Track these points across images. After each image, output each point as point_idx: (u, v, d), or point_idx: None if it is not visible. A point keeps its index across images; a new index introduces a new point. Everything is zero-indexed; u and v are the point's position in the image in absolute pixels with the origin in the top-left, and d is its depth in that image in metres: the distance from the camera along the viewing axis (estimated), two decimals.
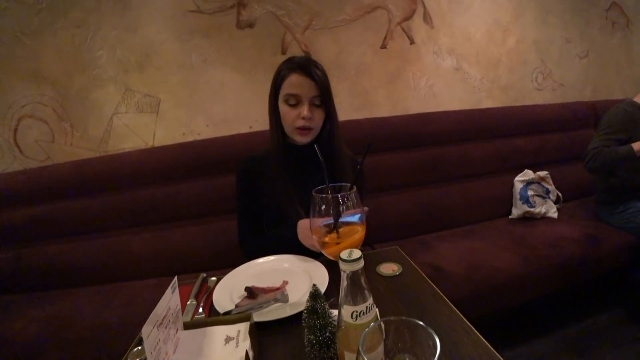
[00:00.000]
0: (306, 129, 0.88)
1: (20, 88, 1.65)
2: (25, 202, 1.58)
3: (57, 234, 1.60)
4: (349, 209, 0.59)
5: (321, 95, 0.87)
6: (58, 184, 1.58)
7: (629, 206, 1.54)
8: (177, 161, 1.58)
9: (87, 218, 1.59)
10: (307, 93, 0.86)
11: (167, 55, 1.70)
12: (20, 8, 1.58)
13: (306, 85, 0.86)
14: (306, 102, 0.86)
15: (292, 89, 0.87)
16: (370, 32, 1.88)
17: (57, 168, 1.62)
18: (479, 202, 1.81)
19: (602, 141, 1.52)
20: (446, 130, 1.82)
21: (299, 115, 0.87)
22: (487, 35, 2.10)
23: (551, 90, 2.32)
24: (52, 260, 1.56)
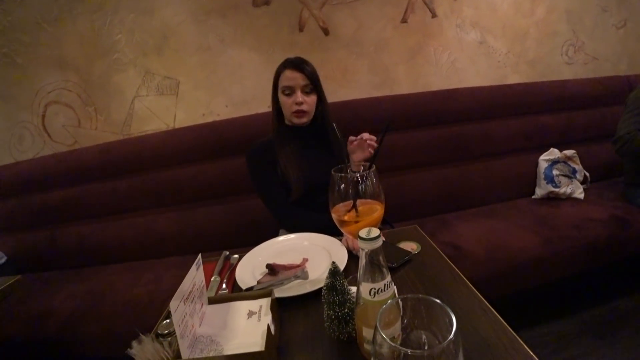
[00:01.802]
0: (300, 112, 1.08)
1: (45, 75, 1.70)
2: (56, 185, 1.67)
3: (87, 214, 1.69)
4: (368, 188, 0.59)
5: (311, 83, 1.08)
6: (86, 167, 1.66)
7: None
8: (198, 142, 1.62)
9: (115, 199, 1.66)
10: (298, 83, 1.07)
11: (184, 37, 1.70)
12: None
13: (297, 77, 1.07)
14: (298, 91, 1.07)
15: (286, 81, 1.08)
16: (389, 6, 1.81)
17: (85, 152, 1.69)
18: (501, 181, 1.76)
19: (632, 125, 1.44)
20: (469, 107, 1.76)
21: (293, 101, 1.07)
22: (515, 6, 1.96)
23: (583, 64, 2.18)
24: (84, 239, 1.65)
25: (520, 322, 1.41)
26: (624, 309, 1.46)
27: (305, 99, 1.08)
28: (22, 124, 1.76)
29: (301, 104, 1.07)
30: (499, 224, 1.50)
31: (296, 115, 1.09)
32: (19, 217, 1.68)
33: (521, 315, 1.44)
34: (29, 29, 1.65)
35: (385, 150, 1.04)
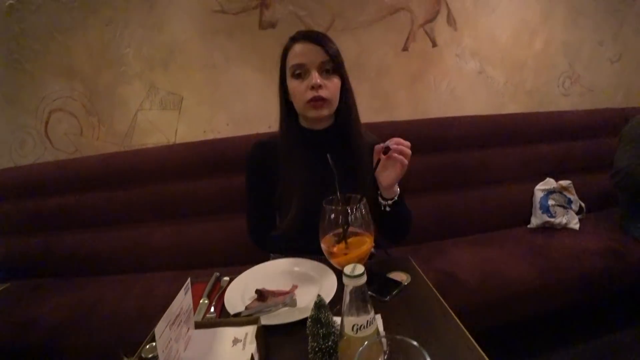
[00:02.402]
0: (319, 99, 0.77)
1: (52, 82, 1.73)
2: (54, 192, 1.67)
3: (83, 223, 1.68)
4: (358, 219, 0.59)
5: (332, 59, 0.77)
6: (85, 176, 1.67)
7: None
8: (198, 158, 1.64)
9: (112, 209, 1.67)
10: (314, 59, 0.76)
11: (191, 54, 1.74)
12: (54, 6, 1.66)
13: (312, 51, 0.76)
14: (314, 69, 0.76)
15: (296, 59, 0.77)
16: (392, 34, 1.86)
17: (85, 160, 1.71)
18: (497, 209, 1.77)
19: (630, 159, 1.45)
20: (467, 135, 1.79)
21: (308, 86, 0.76)
22: (513, 37, 2.03)
23: (579, 95, 2.22)
24: (77, 248, 1.65)
25: (513, 354, 1.39)
26: (620, 342, 1.44)
27: (325, 82, 0.77)
28: (25, 129, 1.77)
29: (319, 88, 0.76)
30: (494, 252, 1.50)
31: (313, 105, 0.78)
32: (13, 222, 1.68)
33: (514, 347, 1.42)
34: (41, 36, 1.69)
35: None
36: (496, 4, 1.96)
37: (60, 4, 1.66)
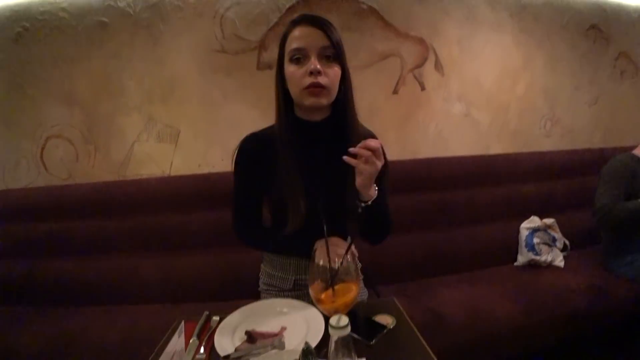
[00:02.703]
0: (317, 86, 0.73)
1: (52, 108, 1.77)
2: (44, 217, 1.66)
3: (70, 251, 1.66)
4: (345, 269, 0.63)
5: (332, 46, 0.73)
6: (77, 203, 1.66)
7: (637, 257, 1.52)
8: (191, 191, 1.66)
9: (101, 238, 1.66)
10: (314, 44, 0.73)
11: (190, 89, 1.81)
12: (62, 37, 1.73)
13: (312, 35, 0.73)
14: (314, 55, 0.73)
15: (296, 42, 0.74)
16: (383, 78, 1.96)
17: (79, 188, 1.71)
18: (484, 247, 1.80)
19: (609, 197, 1.50)
20: (454, 174, 1.86)
21: (306, 71, 0.73)
22: (497, 82, 2.16)
23: (560, 136, 2.35)
24: (63, 276, 1.61)
25: None
26: None
27: (325, 69, 0.74)
28: (21, 152, 1.79)
29: (318, 74, 0.73)
30: (481, 290, 1.52)
31: (311, 92, 0.74)
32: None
33: None
34: (45, 64, 1.74)
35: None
36: (480, 51, 2.11)
37: (67, 36, 1.73)
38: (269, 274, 1.00)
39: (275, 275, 0.98)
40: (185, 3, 1.76)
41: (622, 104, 2.52)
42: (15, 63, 1.73)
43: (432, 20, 2.00)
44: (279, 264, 0.97)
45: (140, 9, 1.74)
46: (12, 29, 1.71)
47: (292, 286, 0.96)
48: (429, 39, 2.00)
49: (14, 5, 1.71)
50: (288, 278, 0.95)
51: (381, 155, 0.71)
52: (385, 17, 1.91)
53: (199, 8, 1.76)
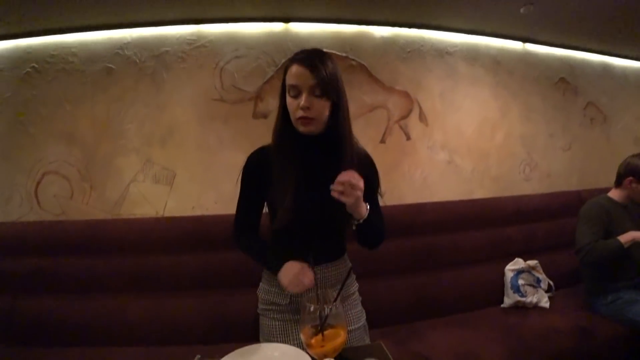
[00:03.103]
0: (306, 119, 0.86)
1: (52, 146, 1.82)
2: (32, 252, 1.63)
3: (56, 288, 1.62)
4: (334, 316, 0.67)
5: (320, 85, 0.85)
6: (67, 240, 1.65)
7: (617, 297, 1.58)
8: (184, 233, 1.67)
9: (90, 277, 1.63)
10: (304, 83, 0.85)
11: (188, 135, 1.89)
12: (69, 79, 1.82)
13: (304, 75, 0.85)
14: (305, 91, 0.85)
15: (291, 79, 0.87)
16: (371, 128, 2.10)
17: (71, 224, 1.70)
18: (471, 290, 1.83)
19: (590, 236, 1.57)
20: (439, 219, 1.92)
21: (298, 105, 0.86)
22: (478, 131, 2.32)
23: (538, 180, 2.48)
24: (46, 314, 1.55)
25: None
26: None
27: (313, 103, 0.86)
28: (15, 186, 1.80)
29: (306, 109, 0.86)
30: (468, 333, 1.54)
31: (301, 122, 0.88)
32: None
33: None
34: (50, 103, 1.81)
35: (360, 257, 1.10)
36: (461, 104, 2.28)
37: (74, 78, 1.82)
38: (266, 290, 1.02)
39: (272, 291, 1.00)
40: (188, 55, 1.89)
41: (594, 149, 2.71)
42: (20, 101, 1.80)
43: (416, 76, 2.18)
44: (276, 279, 0.97)
45: (146, 58, 1.87)
46: (21, 68, 1.80)
47: (289, 301, 0.97)
48: (414, 93, 2.17)
49: (26, 47, 1.82)
50: (285, 293, 0.97)
51: (356, 186, 0.80)
52: (373, 73, 2.08)
53: (201, 60, 1.90)
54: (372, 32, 2.12)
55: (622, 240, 1.50)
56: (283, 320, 0.98)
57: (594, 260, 1.56)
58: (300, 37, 2.01)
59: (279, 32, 1.99)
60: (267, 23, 1.97)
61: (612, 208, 1.65)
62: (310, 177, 0.92)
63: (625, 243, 1.50)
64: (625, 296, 1.56)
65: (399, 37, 2.16)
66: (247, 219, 1.01)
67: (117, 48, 1.86)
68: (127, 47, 1.86)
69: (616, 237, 1.53)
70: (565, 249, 2.02)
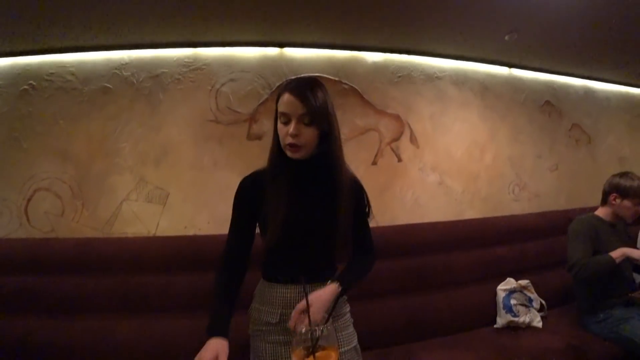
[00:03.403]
0: (294, 145, 0.90)
1: (45, 163, 1.81)
2: (18, 270, 1.59)
3: (41, 308, 1.57)
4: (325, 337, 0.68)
5: (309, 114, 0.89)
6: (56, 258, 1.62)
7: (609, 314, 1.59)
8: (176, 253, 1.66)
9: (78, 296, 1.59)
10: (294, 112, 0.89)
11: (182, 155, 1.91)
12: (65, 97, 1.84)
13: (294, 104, 0.88)
14: (294, 120, 0.89)
15: (282, 107, 0.91)
16: (363, 151, 2.14)
17: (59, 242, 1.68)
18: (464, 310, 1.83)
19: (582, 252, 1.58)
20: (431, 240, 1.94)
21: (287, 132, 0.89)
22: (467, 153, 2.38)
23: (527, 200, 2.53)
24: (30, 335, 1.49)
25: None
26: None
27: (301, 131, 0.89)
28: (5, 202, 1.78)
29: (294, 136, 0.89)
30: (462, 355, 1.54)
31: (289, 148, 0.91)
32: None
33: None
34: (45, 120, 1.82)
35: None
36: (450, 126, 2.35)
37: (71, 96, 1.85)
38: (257, 309, 1.02)
39: (262, 310, 1.00)
40: (185, 77, 1.94)
41: (580, 169, 2.79)
42: (16, 118, 1.81)
43: (407, 99, 2.25)
44: (267, 297, 1.01)
45: (143, 79, 1.91)
46: (18, 85, 1.82)
47: (278, 319, 0.97)
48: (404, 116, 2.23)
49: (25, 64, 1.85)
50: (275, 312, 0.98)
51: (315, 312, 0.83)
52: (364, 96, 2.15)
53: (197, 82, 1.94)
54: (364, 57, 2.20)
55: (613, 256, 1.51)
56: (274, 343, 0.97)
57: (587, 276, 1.56)
58: (295, 62, 2.08)
59: (274, 56, 2.06)
60: (263, 47, 2.04)
61: (600, 226, 1.68)
62: (303, 199, 0.96)
63: (617, 258, 1.50)
64: (617, 313, 1.58)
65: (390, 62, 2.25)
66: (238, 247, 1.02)
67: (115, 68, 1.90)
68: (125, 68, 1.90)
69: (608, 253, 1.53)
70: (555, 268, 2.04)
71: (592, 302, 1.65)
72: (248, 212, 1.00)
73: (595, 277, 1.58)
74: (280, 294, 0.99)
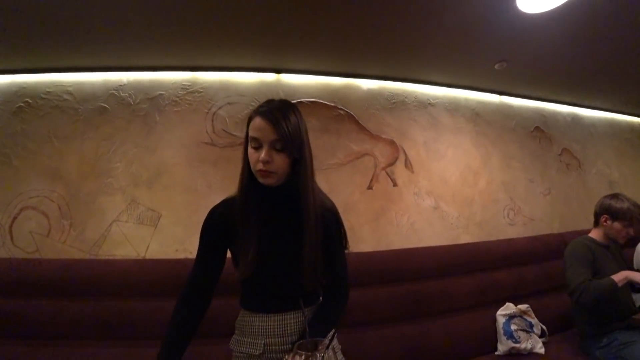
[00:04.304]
0: (265, 172, 0.86)
1: (34, 181, 1.77)
2: None
3: (19, 334, 1.48)
4: None
5: (281, 140, 0.85)
6: (39, 280, 1.53)
7: (612, 338, 1.55)
8: (165, 277, 1.59)
9: (59, 322, 1.50)
10: (266, 137, 0.85)
11: (176, 177, 1.89)
12: (61, 116, 1.83)
13: (266, 129, 0.85)
14: (266, 146, 0.85)
15: (253, 132, 0.87)
16: (358, 175, 2.14)
17: (43, 263, 1.58)
18: (463, 338, 1.78)
19: (582, 276, 1.54)
20: (427, 265, 1.90)
21: (258, 158, 0.86)
22: (461, 179, 2.40)
23: (522, 224, 2.54)
24: None
25: None
26: None
27: (273, 157, 0.86)
28: None
29: (266, 163, 0.86)
30: None
31: (260, 174, 0.87)
32: None
33: None
34: (38, 138, 1.80)
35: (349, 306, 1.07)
36: (444, 152, 2.39)
37: (67, 115, 1.84)
38: (238, 340, 0.97)
39: (244, 342, 0.95)
40: (182, 99, 1.96)
41: (572, 193, 2.83)
42: (8, 134, 1.79)
43: (401, 125, 2.29)
44: (248, 328, 0.95)
45: (140, 100, 1.92)
46: (14, 102, 1.82)
47: (262, 350, 0.92)
48: (399, 141, 2.27)
49: (22, 82, 1.85)
50: (257, 342, 0.93)
51: None
52: (360, 122, 2.18)
53: (194, 105, 1.96)
54: (359, 84, 2.26)
55: (615, 279, 1.48)
56: None
57: (590, 300, 1.50)
58: (291, 87, 2.12)
59: (270, 82, 2.10)
60: (260, 73, 2.08)
61: (595, 247, 1.67)
62: (273, 227, 0.93)
63: (619, 282, 1.48)
64: (620, 337, 1.54)
65: (384, 89, 2.31)
66: (203, 279, 0.98)
67: (113, 89, 1.91)
68: (122, 89, 1.92)
69: (609, 277, 1.50)
70: (554, 293, 2.01)
71: (594, 327, 1.62)
72: (216, 244, 0.97)
73: (597, 302, 1.53)
74: (262, 323, 0.94)
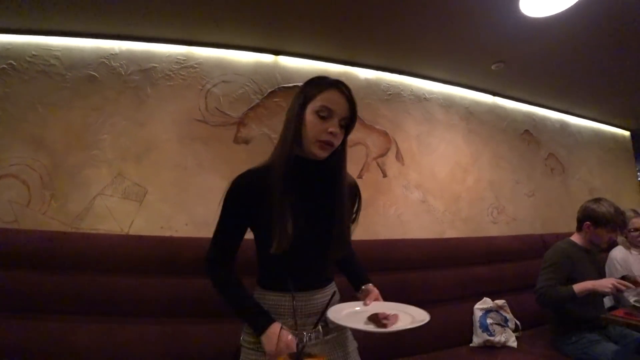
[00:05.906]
0: (329, 144, 0.86)
1: (16, 148, 1.69)
2: None
3: None
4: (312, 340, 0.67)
5: (351, 118, 0.88)
6: (15, 251, 1.48)
7: (581, 336, 1.62)
8: (149, 254, 1.56)
9: (36, 295, 1.45)
10: (341, 111, 0.86)
11: (166, 153, 1.84)
12: (47, 81, 1.75)
13: (342, 104, 0.86)
14: (337, 119, 0.86)
15: (328, 102, 0.86)
16: (349, 163, 2.05)
17: (21, 234, 1.53)
18: (441, 329, 1.82)
19: (546, 280, 1.64)
20: (411, 256, 1.93)
21: (326, 129, 0.85)
22: (450, 174, 2.44)
23: (505, 223, 2.61)
24: None
25: None
26: None
27: (338, 132, 0.87)
28: None
29: (335, 135, 0.85)
30: None
31: (321, 146, 0.86)
32: None
33: None
34: (22, 104, 1.71)
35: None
36: (436, 147, 2.41)
37: (53, 82, 1.75)
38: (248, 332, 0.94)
39: None
40: (176, 74, 1.90)
41: (555, 196, 2.92)
42: None
43: (396, 117, 2.30)
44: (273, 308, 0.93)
45: (132, 72, 1.85)
46: None
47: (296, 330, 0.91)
48: (392, 133, 2.27)
49: (6, 43, 1.75)
50: (287, 323, 0.90)
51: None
52: None
53: (188, 80, 1.91)
54: (356, 73, 2.25)
55: (576, 290, 1.54)
56: None
57: (548, 304, 1.64)
58: (289, 70, 2.09)
59: (268, 63, 2.06)
60: (258, 53, 2.04)
61: (574, 252, 1.73)
62: (308, 201, 0.92)
63: (579, 293, 1.54)
64: (589, 336, 1.61)
65: (382, 80, 2.30)
66: (228, 251, 0.94)
67: (104, 57, 1.83)
68: (114, 58, 1.85)
69: (571, 285, 1.57)
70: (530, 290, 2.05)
71: (565, 324, 1.69)
72: (242, 215, 0.92)
73: (554, 306, 1.66)
74: (288, 303, 0.91)
